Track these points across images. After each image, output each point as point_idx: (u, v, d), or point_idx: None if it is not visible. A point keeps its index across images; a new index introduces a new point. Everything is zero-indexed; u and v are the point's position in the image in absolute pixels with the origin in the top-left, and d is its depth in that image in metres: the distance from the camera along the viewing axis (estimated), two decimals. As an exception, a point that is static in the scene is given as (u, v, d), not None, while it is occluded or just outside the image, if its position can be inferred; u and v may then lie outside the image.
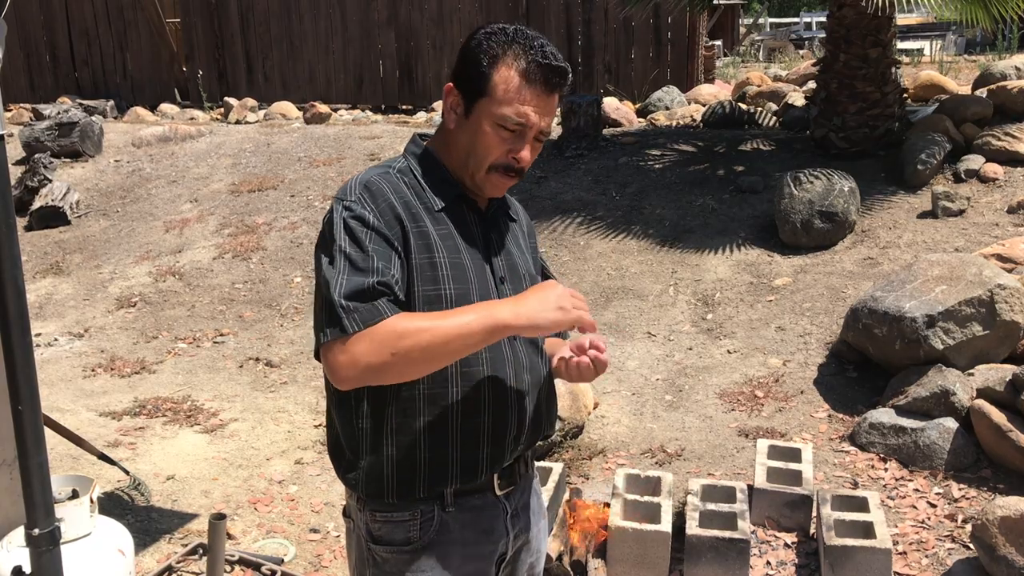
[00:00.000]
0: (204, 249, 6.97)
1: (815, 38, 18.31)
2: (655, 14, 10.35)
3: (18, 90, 12.42)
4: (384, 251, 1.55)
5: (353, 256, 1.53)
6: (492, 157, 1.62)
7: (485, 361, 1.64)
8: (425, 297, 1.58)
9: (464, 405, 1.62)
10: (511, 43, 1.61)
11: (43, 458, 1.59)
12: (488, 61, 1.60)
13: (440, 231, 1.62)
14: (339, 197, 1.61)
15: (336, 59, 11.76)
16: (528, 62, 1.60)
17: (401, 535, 1.63)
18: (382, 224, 1.56)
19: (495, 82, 1.59)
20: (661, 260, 5.96)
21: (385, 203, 1.59)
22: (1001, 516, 3.01)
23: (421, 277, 1.58)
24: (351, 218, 1.56)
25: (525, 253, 1.83)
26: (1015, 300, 4.07)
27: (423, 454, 1.61)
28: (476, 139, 1.62)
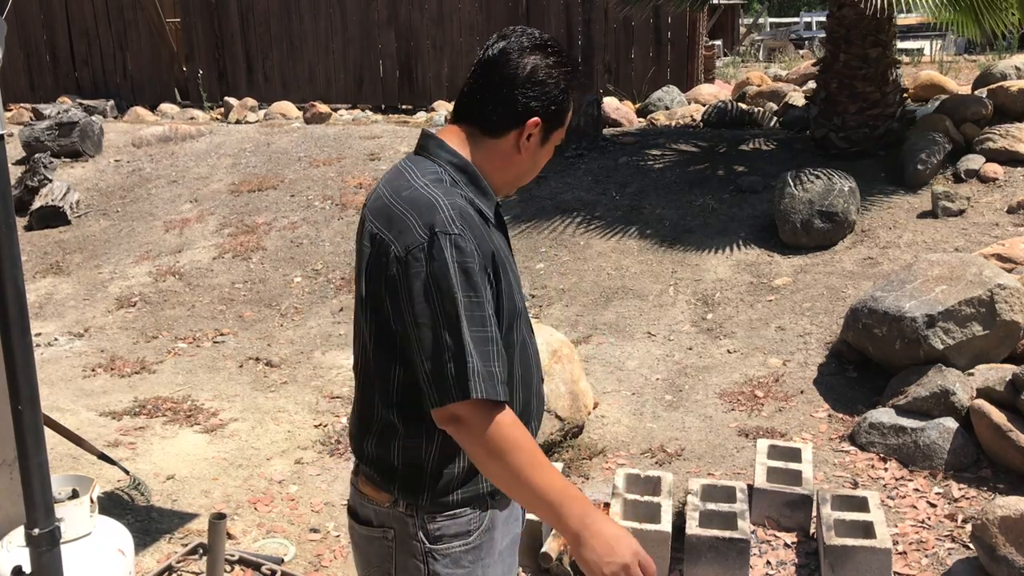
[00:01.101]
0: (204, 249, 6.97)
1: (815, 38, 18.31)
2: (655, 14, 10.35)
3: (18, 90, 12.42)
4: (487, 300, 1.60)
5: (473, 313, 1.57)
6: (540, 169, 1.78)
7: (534, 361, 1.79)
8: (506, 312, 1.67)
9: (523, 406, 1.75)
10: (571, 72, 1.71)
11: (43, 458, 1.59)
12: (565, 96, 1.71)
13: (497, 243, 1.69)
14: (440, 229, 1.58)
15: (336, 59, 11.76)
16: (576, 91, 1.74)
17: (461, 529, 1.71)
18: (481, 257, 1.60)
19: (566, 111, 1.73)
20: (661, 260, 5.96)
21: (477, 231, 1.62)
22: (1001, 516, 3.01)
23: (505, 294, 1.67)
24: (458, 255, 1.57)
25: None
26: (1015, 300, 4.07)
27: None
28: (539, 160, 1.76)
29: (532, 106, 1.67)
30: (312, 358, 5.35)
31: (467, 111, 1.71)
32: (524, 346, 1.76)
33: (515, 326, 1.71)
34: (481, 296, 1.57)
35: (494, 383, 1.56)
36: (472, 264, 1.56)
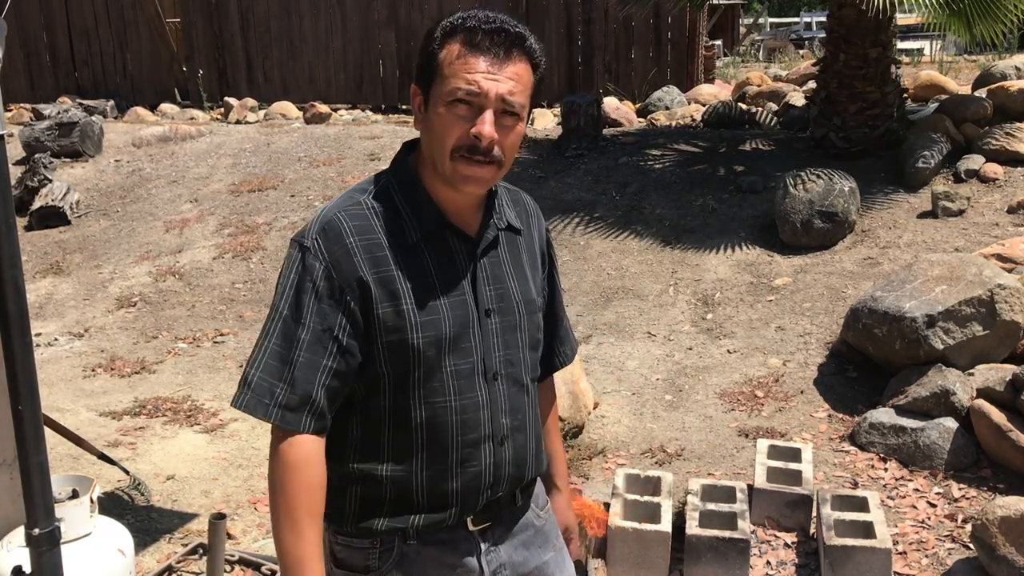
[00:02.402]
0: (204, 249, 6.97)
1: (815, 38, 18.31)
2: (655, 14, 10.35)
3: (18, 90, 12.42)
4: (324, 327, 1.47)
5: (285, 328, 1.48)
6: (451, 140, 1.47)
7: (453, 407, 1.55)
8: (391, 346, 1.50)
9: (430, 457, 1.54)
10: (454, 23, 1.50)
11: (43, 458, 1.59)
12: (436, 45, 1.50)
13: (411, 270, 1.51)
14: (296, 237, 1.53)
15: (336, 59, 11.76)
16: (468, 29, 1.47)
17: (360, 562, 1.58)
18: (334, 279, 1.47)
19: (442, 60, 1.48)
20: (661, 260, 5.96)
21: (342, 250, 1.48)
22: (1001, 516, 3.01)
23: (385, 328, 1.49)
24: (302, 270, 1.49)
25: (527, 272, 1.67)
26: (1015, 300, 4.07)
27: (387, 494, 1.56)
28: (434, 127, 1.50)
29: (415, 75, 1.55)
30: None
31: None
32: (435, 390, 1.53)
33: (414, 363, 1.51)
34: (303, 317, 1.47)
35: (266, 403, 1.46)
36: (308, 282, 1.47)
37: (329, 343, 1.47)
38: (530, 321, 1.65)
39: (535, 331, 1.67)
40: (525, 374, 1.64)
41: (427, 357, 1.51)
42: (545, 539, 1.74)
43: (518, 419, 1.62)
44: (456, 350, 1.53)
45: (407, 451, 1.54)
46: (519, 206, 1.71)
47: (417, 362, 1.51)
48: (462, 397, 1.54)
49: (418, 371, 1.51)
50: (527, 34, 1.51)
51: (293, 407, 1.46)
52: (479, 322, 1.56)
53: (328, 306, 1.47)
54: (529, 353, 1.65)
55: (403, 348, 1.50)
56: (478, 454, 1.57)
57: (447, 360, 1.53)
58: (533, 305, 1.66)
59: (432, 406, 1.53)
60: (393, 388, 1.53)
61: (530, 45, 1.51)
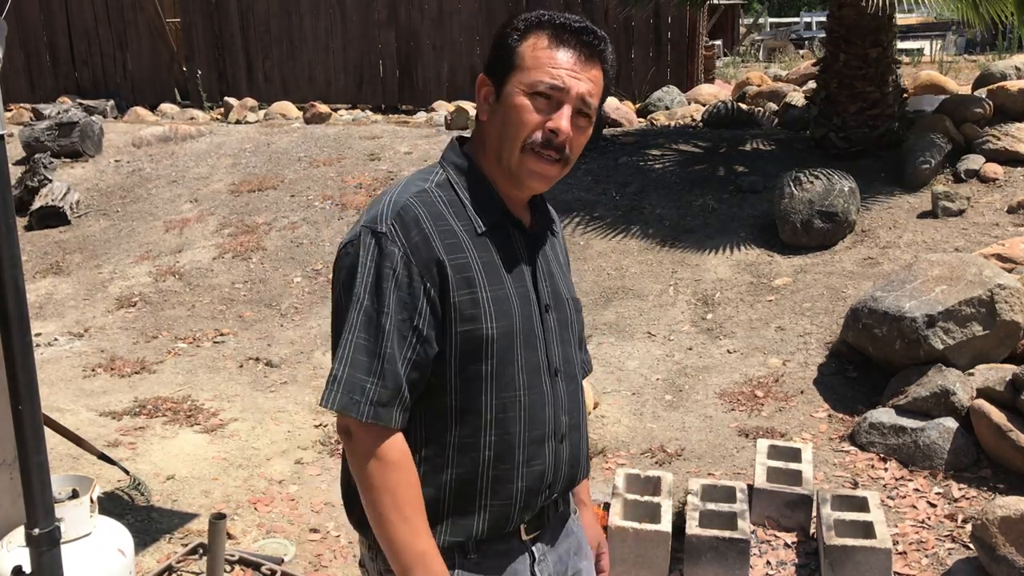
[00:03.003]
0: (204, 249, 6.97)
1: (815, 38, 18.31)
2: (655, 14, 10.35)
3: (18, 90, 12.42)
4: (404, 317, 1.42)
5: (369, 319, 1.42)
6: (526, 131, 1.46)
7: (523, 403, 1.51)
8: (465, 336, 1.46)
9: (497, 455, 1.50)
10: (539, 18, 1.49)
11: (43, 458, 1.59)
12: (516, 36, 1.48)
13: (483, 259, 1.49)
14: (367, 224, 1.47)
15: (336, 59, 11.76)
16: (556, 26, 1.47)
17: None
18: (412, 265, 1.43)
19: (523, 51, 1.47)
20: (661, 260, 5.96)
21: (420, 235, 1.44)
22: (1001, 516, 3.01)
23: (461, 317, 1.45)
24: (380, 257, 1.43)
25: (565, 272, 1.69)
26: (1015, 300, 4.07)
27: (446, 507, 1.50)
28: (508, 117, 1.47)
29: (485, 65, 1.52)
30: (312, 358, 5.35)
31: None
32: (507, 384, 1.50)
33: (486, 354, 1.47)
34: (384, 306, 1.41)
35: (358, 400, 1.41)
36: (388, 268, 1.42)
37: (410, 333, 1.43)
38: (578, 319, 1.66)
39: (581, 330, 1.68)
40: (577, 373, 1.64)
41: (500, 348, 1.48)
42: (580, 547, 1.73)
43: (575, 417, 1.61)
44: (526, 344, 1.51)
45: (474, 448, 1.49)
46: (555, 219, 1.73)
47: (490, 353, 1.47)
48: (531, 392, 1.52)
49: (491, 363, 1.47)
50: (607, 43, 1.52)
51: (385, 402, 1.42)
52: (541, 317, 1.55)
53: (407, 294, 1.43)
54: (577, 351, 1.65)
55: (477, 338, 1.46)
56: (542, 452, 1.54)
57: (519, 353, 1.50)
58: (578, 304, 1.67)
59: (502, 401, 1.49)
60: (462, 381, 1.48)
61: (608, 54, 1.52)
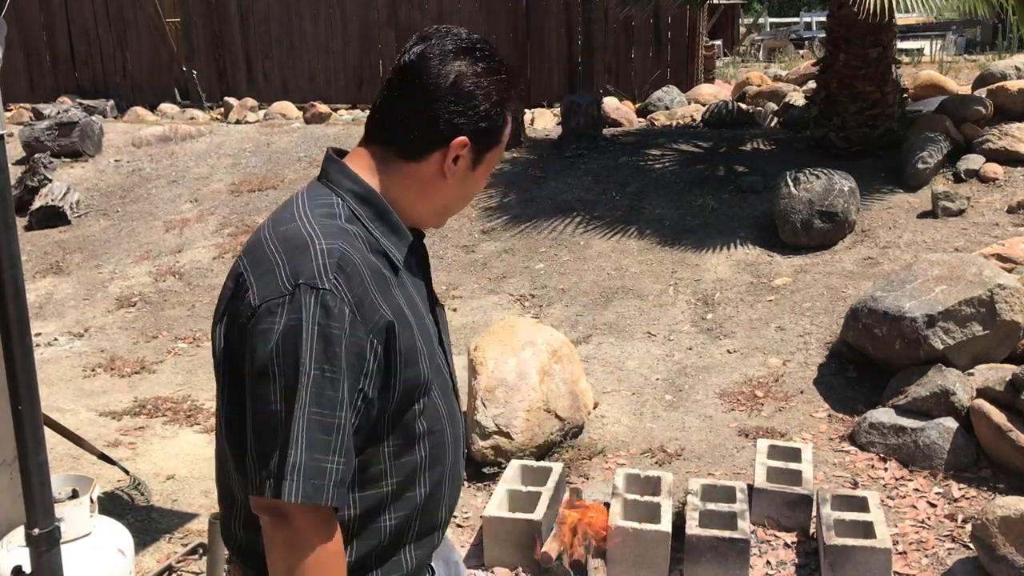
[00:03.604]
0: (204, 249, 6.97)
1: (815, 38, 18.31)
2: (655, 14, 10.36)
3: (18, 90, 12.42)
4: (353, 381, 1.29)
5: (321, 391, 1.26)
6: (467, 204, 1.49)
7: (447, 430, 1.47)
8: (407, 382, 1.37)
9: (430, 492, 1.46)
10: (506, 81, 1.43)
11: (43, 458, 1.59)
12: (499, 110, 1.43)
13: (406, 295, 1.41)
14: (306, 281, 1.28)
15: (336, 59, 11.77)
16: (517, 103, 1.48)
17: None
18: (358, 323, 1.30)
19: (504, 130, 1.46)
20: (661, 260, 5.96)
21: (361, 287, 1.31)
22: (1001, 516, 3.01)
23: (405, 362, 1.36)
24: (324, 317, 1.27)
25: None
26: (1015, 300, 4.07)
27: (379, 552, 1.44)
28: (471, 186, 1.46)
29: (458, 123, 1.38)
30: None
31: (379, 130, 1.44)
32: (433, 420, 1.44)
33: (420, 400, 1.41)
34: (338, 372, 1.26)
35: (321, 484, 1.25)
36: (337, 331, 1.27)
37: (358, 399, 1.31)
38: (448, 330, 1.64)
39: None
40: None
41: (433, 376, 1.43)
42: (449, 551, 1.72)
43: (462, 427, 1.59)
44: (437, 370, 1.46)
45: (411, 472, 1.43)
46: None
47: (423, 391, 1.40)
48: (450, 417, 1.49)
49: (421, 400, 1.41)
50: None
51: (344, 481, 1.29)
52: (440, 338, 1.51)
53: (356, 355, 1.29)
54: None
55: (414, 379, 1.38)
56: (459, 470, 1.54)
57: (440, 381, 1.47)
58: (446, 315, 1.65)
59: (432, 431, 1.44)
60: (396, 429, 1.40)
61: None
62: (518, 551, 3.26)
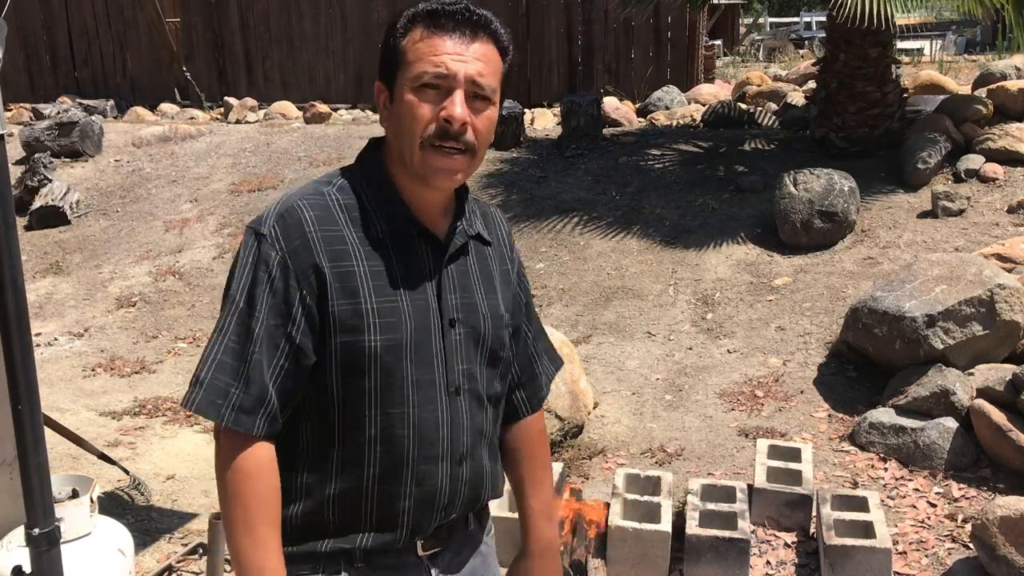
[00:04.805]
0: (204, 249, 6.97)
1: (815, 38, 18.31)
2: (655, 14, 10.36)
3: (18, 90, 12.42)
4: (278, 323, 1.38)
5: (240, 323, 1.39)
6: (419, 126, 1.39)
7: (412, 421, 1.44)
8: (346, 348, 1.40)
9: (383, 472, 1.43)
10: (415, 11, 1.44)
11: (43, 458, 1.59)
12: (399, 34, 1.43)
13: (374, 267, 1.42)
14: (252, 224, 1.44)
15: (336, 59, 11.77)
16: (432, 13, 1.41)
17: None
18: (290, 270, 1.38)
19: (405, 47, 1.41)
20: (661, 260, 5.96)
21: (301, 240, 1.39)
22: (1001, 516, 3.01)
23: (341, 328, 1.39)
24: (257, 260, 1.40)
25: (497, 284, 1.57)
26: (1015, 300, 4.07)
27: (331, 518, 1.45)
28: (400, 115, 1.41)
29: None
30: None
31: None
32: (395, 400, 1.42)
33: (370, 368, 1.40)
34: (255, 311, 1.38)
35: (219, 403, 1.36)
36: (263, 272, 1.39)
37: (282, 341, 1.38)
38: (495, 335, 1.53)
39: (499, 347, 1.55)
40: (484, 390, 1.52)
41: (385, 363, 1.41)
42: (488, 569, 1.66)
43: (477, 437, 1.52)
44: (418, 359, 1.43)
45: (358, 464, 1.43)
46: (489, 218, 1.62)
47: (374, 367, 1.40)
48: (422, 410, 1.44)
49: (374, 378, 1.41)
50: (492, 18, 1.44)
51: (247, 409, 1.36)
52: (442, 331, 1.46)
53: (283, 300, 1.38)
54: (489, 369, 1.54)
55: (359, 351, 1.39)
56: (435, 472, 1.46)
57: (408, 368, 1.42)
58: (500, 320, 1.54)
59: (389, 417, 1.42)
60: (345, 394, 1.42)
61: (496, 28, 1.44)
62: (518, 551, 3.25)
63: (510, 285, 1.61)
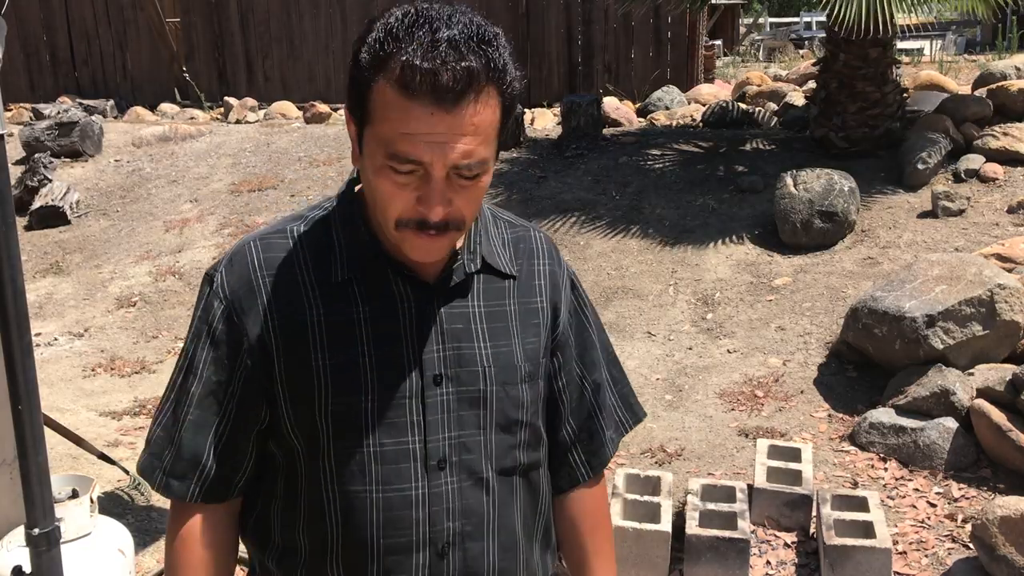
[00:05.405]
0: (204, 249, 6.97)
1: (815, 38, 18.31)
2: (655, 14, 10.36)
3: (18, 90, 12.41)
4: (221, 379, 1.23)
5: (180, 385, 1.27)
6: (393, 210, 1.12)
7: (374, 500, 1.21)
8: (297, 412, 1.21)
9: (346, 555, 1.23)
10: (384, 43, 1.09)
11: (43, 458, 1.59)
12: (366, 70, 1.10)
13: (332, 317, 1.20)
14: (210, 269, 1.28)
15: (336, 59, 11.76)
16: (404, 67, 1.06)
17: None
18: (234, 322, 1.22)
19: (373, 98, 1.10)
20: (661, 260, 5.96)
21: (245, 288, 1.22)
22: (1001, 516, 3.01)
23: (290, 387, 1.20)
24: (203, 309, 1.25)
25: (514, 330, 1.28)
26: (1015, 300, 4.07)
27: None
28: (372, 184, 1.15)
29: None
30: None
31: None
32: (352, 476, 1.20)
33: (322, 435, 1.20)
34: (194, 367, 1.24)
35: (157, 466, 1.26)
36: (204, 325, 1.24)
37: (224, 398, 1.23)
38: (504, 394, 1.26)
39: (513, 408, 1.27)
40: (487, 464, 1.25)
41: (338, 431, 1.19)
42: None
43: (471, 522, 1.24)
44: (383, 425, 1.20)
45: (321, 553, 1.24)
46: (524, 245, 1.34)
47: (326, 435, 1.20)
48: (387, 488, 1.20)
49: (328, 447, 1.20)
50: (489, 52, 1.08)
51: (179, 474, 1.24)
52: (421, 391, 1.21)
53: (225, 354, 1.22)
54: (498, 436, 1.26)
55: (309, 416, 1.20)
56: (407, 563, 1.22)
57: (369, 437, 1.20)
58: (512, 373, 1.26)
59: (347, 497, 1.21)
60: (307, 467, 1.23)
61: (494, 68, 1.08)
62: None
63: (539, 327, 1.31)
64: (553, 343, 1.34)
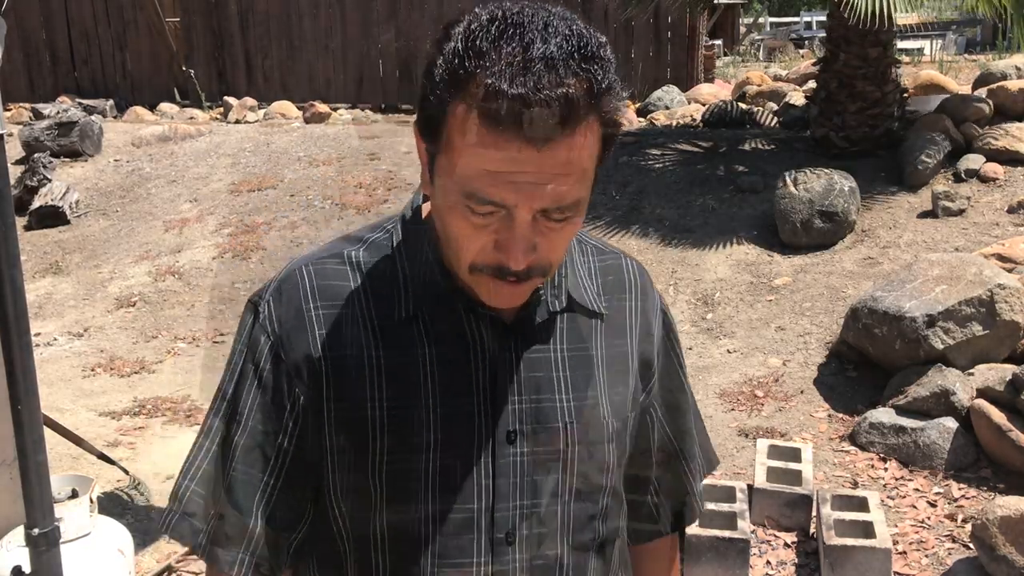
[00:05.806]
0: (204, 249, 6.97)
1: (815, 38, 18.31)
2: (655, 14, 10.36)
3: (18, 90, 12.40)
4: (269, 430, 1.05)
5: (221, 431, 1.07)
6: (468, 252, 0.95)
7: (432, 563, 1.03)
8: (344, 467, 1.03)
9: None
10: (472, 63, 0.88)
11: (43, 458, 1.59)
12: (442, 89, 0.92)
13: (392, 358, 1.02)
14: (254, 296, 1.09)
15: (336, 59, 11.76)
16: (487, 89, 0.87)
17: None
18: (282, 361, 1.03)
19: (450, 124, 0.92)
20: (661, 260, 5.96)
21: (295, 320, 1.04)
22: (1001, 516, 3.01)
23: (339, 436, 1.03)
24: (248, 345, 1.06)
25: (602, 378, 1.10)
26: (1015, 300, 4.07)
27: None
28: (444, 221, 0.97)
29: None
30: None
31: None
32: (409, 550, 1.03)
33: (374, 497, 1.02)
34: (239, 413, 1.05)
35: (200, 526, 1.06)
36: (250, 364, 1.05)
37: (274, 452, 1.05)
38: (588, 455, 1.07)
39: (596, 472, 1.09)
40: (562, 539, 1.07)
41: (394, 492, 1.02)
42: None
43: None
44: (446, 489, 1.02)
45: None
46: (615, 278, 1.19)
47: (379, 497, 1.02)
48: (444, 562, 1.03)
49: (381, 512, 1.03)
50: (593, 71, 0.89)
51: (223, 542, 1.05)
52: (493, 450, 1.03)
53: (271, 399, 1.04)
54: (577, 504, 1.08)
55: (361, 471, 1.02)
56: None
57: (429, 503, 1.02)
58: (599, 431, 1.08)
59: (399, 571, 1.04)
60: (354, 533, 1.06)
61: (598, 92, 0.89)
62: None
63: (627, 375, 1.13)
64: (645, 395, 1.17)
